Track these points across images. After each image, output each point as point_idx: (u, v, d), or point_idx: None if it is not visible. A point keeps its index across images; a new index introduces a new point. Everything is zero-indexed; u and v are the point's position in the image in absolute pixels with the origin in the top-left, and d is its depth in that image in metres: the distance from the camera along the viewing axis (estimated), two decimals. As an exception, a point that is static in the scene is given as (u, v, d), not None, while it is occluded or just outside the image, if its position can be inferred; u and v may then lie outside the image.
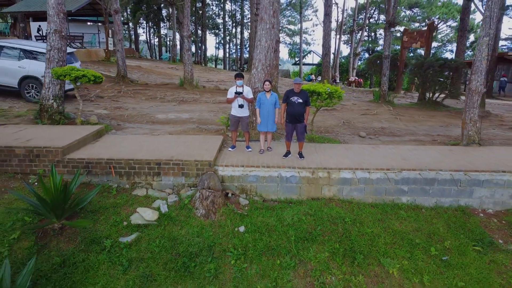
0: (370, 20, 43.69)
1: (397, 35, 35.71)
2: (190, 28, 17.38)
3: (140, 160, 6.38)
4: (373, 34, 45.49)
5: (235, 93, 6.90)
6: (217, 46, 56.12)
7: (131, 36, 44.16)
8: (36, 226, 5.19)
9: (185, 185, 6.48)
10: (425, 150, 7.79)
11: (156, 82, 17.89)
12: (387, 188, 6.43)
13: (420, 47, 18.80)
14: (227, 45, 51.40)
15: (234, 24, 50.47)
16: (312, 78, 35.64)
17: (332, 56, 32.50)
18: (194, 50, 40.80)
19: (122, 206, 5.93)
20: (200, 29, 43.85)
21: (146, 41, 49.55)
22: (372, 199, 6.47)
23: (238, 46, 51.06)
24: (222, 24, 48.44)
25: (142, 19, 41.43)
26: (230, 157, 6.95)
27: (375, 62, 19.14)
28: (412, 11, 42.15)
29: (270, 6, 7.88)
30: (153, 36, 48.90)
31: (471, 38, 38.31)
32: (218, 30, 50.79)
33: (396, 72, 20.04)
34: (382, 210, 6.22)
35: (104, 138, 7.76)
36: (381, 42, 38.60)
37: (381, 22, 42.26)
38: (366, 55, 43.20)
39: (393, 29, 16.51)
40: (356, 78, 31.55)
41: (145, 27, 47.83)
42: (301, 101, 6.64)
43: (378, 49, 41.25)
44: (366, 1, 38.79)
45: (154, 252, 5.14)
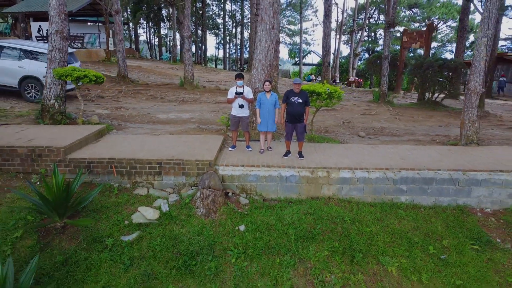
0: (370, 20, 43.73)
1: (397, 35, 35.72)
2: (190, 28, 17.42)
3: (141, 159, 6.43)
4: (373, 34, 45.53)
5: (236, 93, 6.95)
6: (217, 46, 56.20)
7: (131, 36, 44.18)
8: (38, 225, 5.25)
9: (186, 184, 6.53)
10: (424, 150, 7.84)
11: (156, 82, 17.94)
12: (386, 187, 6.48)
13: (419, 47, 18.85)
14: (227, 45, 51.43)
15: (234, 24, 50.50)
16: (312, 78, 35.68)
17: (332, 56, 32.55)
18: (194, 50, 40.82)
19: (124, 205, 5.98)
20: (200, 29, 43.88)
21: (146, 41, 49.57)
22: (371, 199, 6.52)
23: (238, 46, 51.09)
24: (222, 24, 48.47)
25: (142, 19, 41.46)
26: (230, 156, 7.01)
27: (375, 62, 19.19)
28: (412, 11, 42.18)
29: (270, 7, 7.93)
30: (153, 36, 48.94)
31: (471, 38, 38.34)
32: (218, 30, 50.81)
33: (395, 72, 20.09)
34: (381, 209, 6.27)
35: (105, 138, 7.81)
36: (381, 42, 38.61)
37: (381, 22, 42.28)
38: (366, 55, 43.24)
39: (392, 29, 16.56)
40: (356, 78, 31.58)
41: (145, 27, 47.89)
42: (300, 101, 6.69)
43: (378, 49, 41.28)
44: (366, 1, 38.83)
45: (155, 250, 5.18)
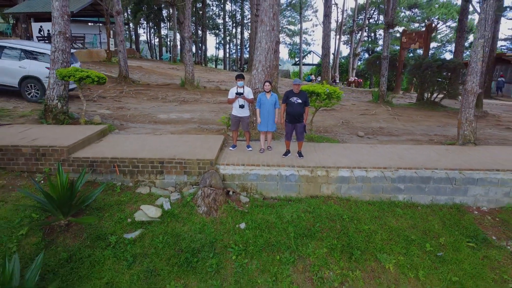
0: (370, 20, 43.83)
1: (396, 36, 35.82)
2: (191, 29, 17.53)
3: (143, 159, 6.53)
4: (372, 34, 45.63)
5: (236, 93, 7.05)
6: (217, 46, 56.30)
7: (132, 36, 44.30)
8: (43, 223, 5.35)
9: (187, 183, 6.63)
10: (421, 150, 7.94)
11: (157, 82, 18.04)
12: (384, 186, 6.58)
13: (418, 48, 18.94)
14: (227, 45, 51.54)
15: (234, 24, 50.60)
16: (312, 78, 35.76)
17: (332, 56, 32.66)
18: (194, 50, 40.91)
19: (126, 203, 6.08)
20: (200, 29, 43.99)
21: (147, 41, 49.69)
22: (369, 197, 6.62)
23: (238, 47, 51.19)
24: (222, 24, 48.59)
25: (142, 20, 41.56)
26: (231, 156, 7.11)
27: (374, 63, 19.29)
28: (411, 12, 42.29)
29: (270, 8, 8.04)
30: (153, 36, 49.05)
31: (470, 39, 38.36)
32: (218, 31, 50.91)
33: (395, 72, 20.18)
34: (379, 208, 6.37)
35: (107, 138, 7.92)
36: (380, 42, 38.70)
37: (380, 22, 42.36)
38: (365, 56, 43.35)
39: (391, 30, 16.66)
40: (355, 79, 31.68)
41: (145, 28, 47.99)
42: (300, 101, 6.80)
43: (377, 49, 41.39)
44: (366, 1, 38.93)
45: (157, 248, 5.28)
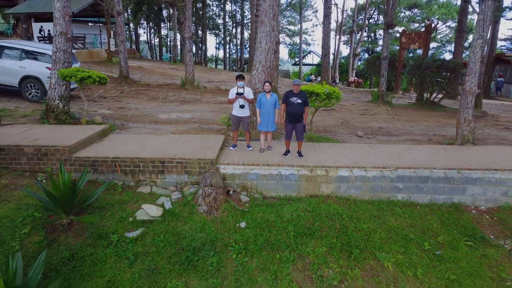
0: (370, 20, 43.90)
1: (396, 36, 35.85)
2: (191, 29, 17.59)
3: (144, 158, 6.59)
4: (372, 34, 45.68)
5: (236, 94, 7.10)
6: (217, 46, 56.37)
7: (132, 36, 44.38)
8: (46, 222, 5.41)
9: (188, 182, 6.69)
10: (420, 149, 8.00)
11: (157, 82, 18.10)
12: (383, 185, 6.64)
13: (418, 48, 19.00)
14: (227, 45, 51.60)
15: (234, 24, 50.67)
16: (311, 78, 35.82)
17: (331, 56, 32.72)
18: (194, 50, 41.00)
19: (128, 202, 6.14)
20: (200, 29, 44.05)
21: (147, 41, 49.77)
22: (368, 196, 6.68)
23: (238, 47, 51.26)
24: (222, 24, 48.65)
25: (142, 20, 41.63)
26: (231, 155, 7.17)
27: (374, 63, 19.37)
28: (411, 12, 42.34)
29: (270, 9, 8.10)
30: (153, 36, 49.12)
31: (470, 39, 38.45)
32: (218, 31, 50.98)
33: (395, 72, 20.25)
34: (378, 207, 6.43)
35: (109, 138, 7.98)
36: (380, 42, 38.69)
37: (380, 22, 42.41)
38: (365, 56, 43.41)
39: (391, 30, 16.72)
40: (355, 79, 31.75)
41: (145, 28, 48.06)
42: (300, 101, 6.85)
43: (377, 49, 41.43)
44: (366, 1, 38.99)
45: (158, 246, 5.33)
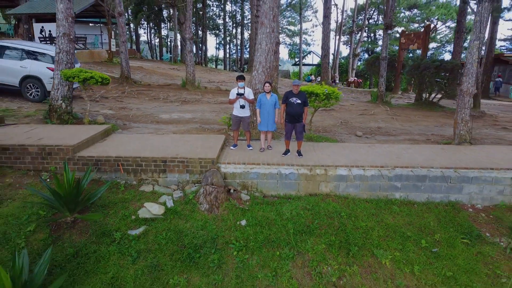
0: (370, 21, 43.99)
1: (396, 36, 35.98)
2: (192, 30, 17.71)
3: (146, 158, 6.70)
4: (372, 34, 45.79)
5: (237, 94, 7.20)
6: (217, 46, 56.48)
7: (132, 36, 44.50)
8: (50, 219, 5.51)
9: (189, 181, 6.80)
10: (418, 149, 8.10)
11: (158, 82, 18.21)
12: (381, 184, 6.74)
13: (417, 49, 19.11)
14: (228, 45, 51.73)
15: (234, 24, 50.78)
16: (311, 78, 35.92)
17: (331, 57, 32.82)
18: (194, 50, 41.08)
19: (130, 201, 6.24)
20: (200, 29, 44.17)
21: (147, 41, 49.88)
22: (366, 195, 6.78)
23: (238, 47, 51.37)
24: (222, 25, 48.77)
25: (143, 20, 41.75)
26: (232, 155, 7.27)
27: (374, 63, 19.48)
28: (411, 12, 42.44)
29: (270, 11, 8.21)
30: (154, 36, 49.23)
31: (469, 39, 38.55)
32: (218, 31, 51.10)
33: (394, 73, 20.35)
34: (376, 205, 6.52)
35: (111, 137, 8.09)
36: (380, 42, 38.68)
37: (380, 23, 42.49)
38: (365, 56, 43.54)
39: (390, 31, 16.83)
40: (355, 79, 31.87)
41: (146, 28, 48.17)
42: (299, 101, 6.96)
43: (377, 49, 41.58)
44: (366, 2, 39.08)
45: (161, 244, 5.43)
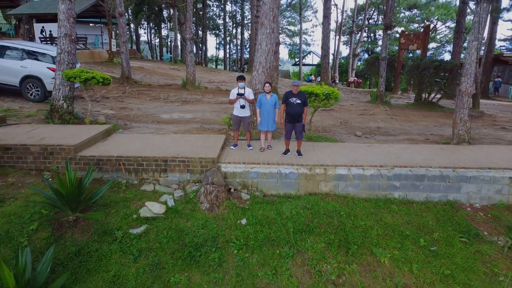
0: (369, 21, 44.04)
1: (395, 36, 36.04)
2: (192, 30, 17.76)
3: (147, 157, 6.75)
4: (372, 35, 45.85)
5: (237, 94, 7.26)
6: (217, 46, 56.53)
7: (132, 36, 44.55)
8: (52, 218, 5.57)
9: (190, 180, 6.85)
10: (417, 149, 8.15)
11: (159, 83, 18.26)
12: (380, 183, 6.79)
13: (416, 49, 19.16)
14: (228, 45, 51.78)
15: (234, 25, 50.84)
16: (311, 78, 35.97)
17: (331, 57, 32.88)
18: (194, 50, 41.14)
19: (132, 200, 6.30)
20: (200, 29, 44.23)
21: (147, 41, 49.92)
22: (366, 194, 6.82)
23: (239, 47, 51.43)
24: (222, 25, 48.83)
25: (143, 20, 41.81)
26: (232, 154, 7.33)
27: (374, 63, 19.54)
28: (411, 12, 42.50)
29: (270, 12, 8.27)
30: (154, 37, 49.29)
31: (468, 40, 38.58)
32: (218, 31, 51.15)
33: (394, 73, 20.41)
34: (375, 204, 6.58)
35: (112, 137, 8.14)
36: (380, 43, 38.81)
37: (380, 23, 42.54)
38: (365, 56, 43.59)
39: (390, 31, 16.88)
40: (355, 79, 31.93)
41: (146, 28, 48.23)
42: (299, 101, 7.01)
43: (377, 50, 41.63)
44: (365, 2, 39.13)
45: (162, 242, 5.48)
